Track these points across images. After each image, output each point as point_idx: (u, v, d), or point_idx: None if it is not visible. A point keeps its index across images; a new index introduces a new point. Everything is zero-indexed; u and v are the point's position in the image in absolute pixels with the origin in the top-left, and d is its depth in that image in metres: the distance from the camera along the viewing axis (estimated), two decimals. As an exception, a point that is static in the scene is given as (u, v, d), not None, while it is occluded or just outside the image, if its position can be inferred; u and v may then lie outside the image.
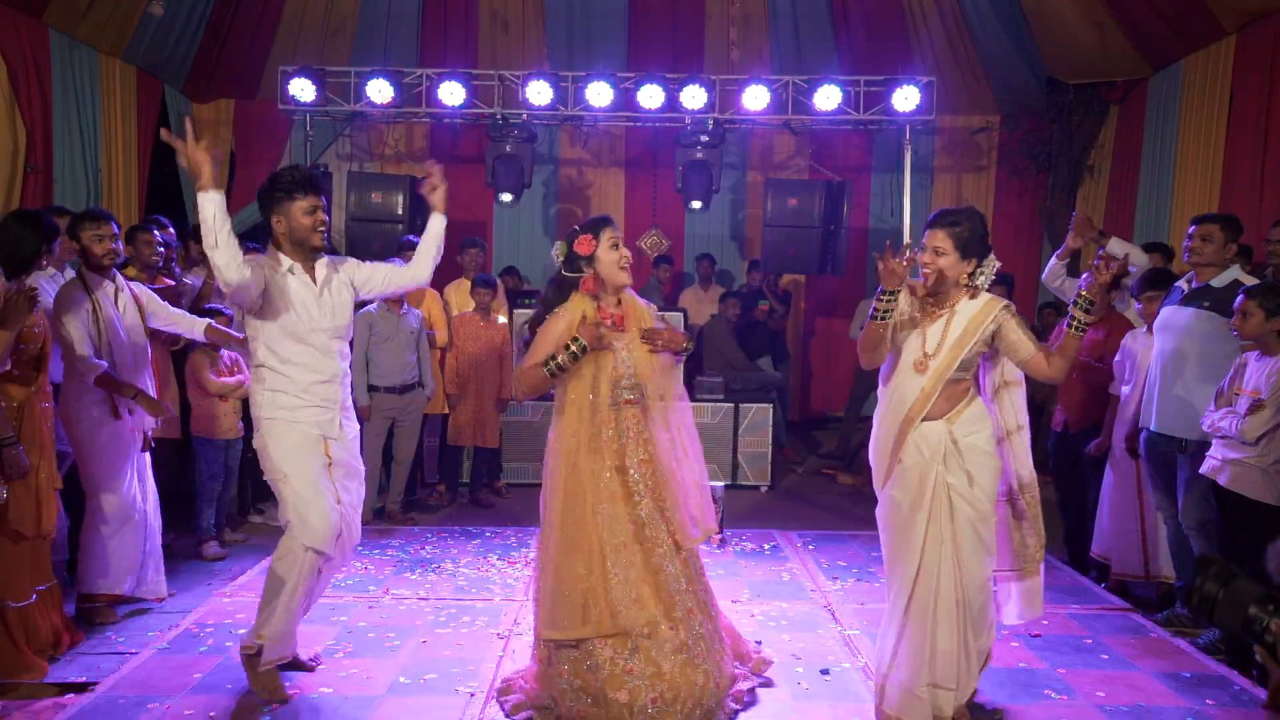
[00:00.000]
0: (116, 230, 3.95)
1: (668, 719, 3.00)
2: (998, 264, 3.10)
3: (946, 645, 2.97)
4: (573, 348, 3.09)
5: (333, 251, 3.61)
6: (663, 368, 3.26)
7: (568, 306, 3.21)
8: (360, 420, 3.84)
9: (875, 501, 3.22)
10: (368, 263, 3.57)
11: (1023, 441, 3.16)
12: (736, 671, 3.33)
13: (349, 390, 3.50)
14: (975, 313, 3.03)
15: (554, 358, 3.10)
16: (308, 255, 3.36)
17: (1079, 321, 2.97)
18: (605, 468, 3.13)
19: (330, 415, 3.36)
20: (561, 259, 3.25)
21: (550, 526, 3.16)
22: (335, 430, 3.36)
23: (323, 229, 3.33)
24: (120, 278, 4.04)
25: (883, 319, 3.01)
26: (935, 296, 3.09)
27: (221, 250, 3.01)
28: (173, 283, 4.96)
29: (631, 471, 3.15)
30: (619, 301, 3.27)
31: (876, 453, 3.17)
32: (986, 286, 3.08)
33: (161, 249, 4.87)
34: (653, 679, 3.02)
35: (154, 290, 4.72)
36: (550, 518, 3.17)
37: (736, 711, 3.21)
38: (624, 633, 3.04)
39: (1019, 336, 3.02)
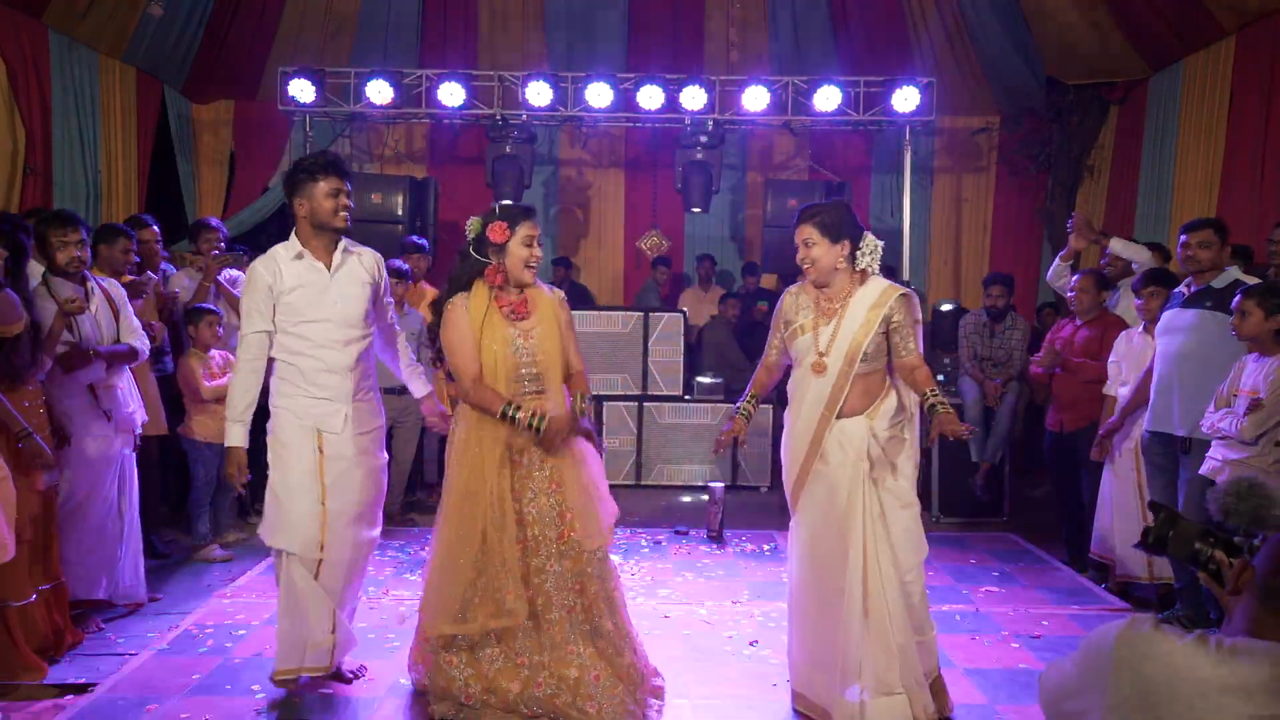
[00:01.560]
0: (84, 237, 3.86)
1: (552, 705, 3.01)
2: (879, 243, 3.11)
3: (904, 640, 2.98)
4: (534, 422, 3.01)
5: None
6: (564, 356, 3.19)
7: (469, 296, 3.12)
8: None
9: None
10: (389, 300, 3.52)
11: (916, 426, 3.19)
12: (646, 669, 3.27)
13: (372, 382, 3.41)
14: (872, 301, 3.06)
15: (514, 409, 3.01)
16: (328, 239, 3.31)
17: (935, 407, 3.00)
18: (497, 464, 3.05)
19: (333, 408, 3.25)
20: (473, 237, 3.16)
21: (443, 520, 3.11)
22: (337, 424, 3.25)
23: (345, 212, 3.28)
24: (91, 277, 3.99)
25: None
26: (826, 291, 3.12)
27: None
28: (154, 276, 4.94)
29: (534, 470, 3.08)
30: (521, 292, 3.17)
31: (790, 456, 3.16)
32: (875, 269, 3.11)
33: (136, 254, 4.76)
34: (536, 668, 3.04)
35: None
36: (444, 511, 3.12)
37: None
38: (508, 629, 3.03)
39: (904, 337, 3.06)
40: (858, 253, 3.09)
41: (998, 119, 8.73)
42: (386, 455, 3.52)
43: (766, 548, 5.41)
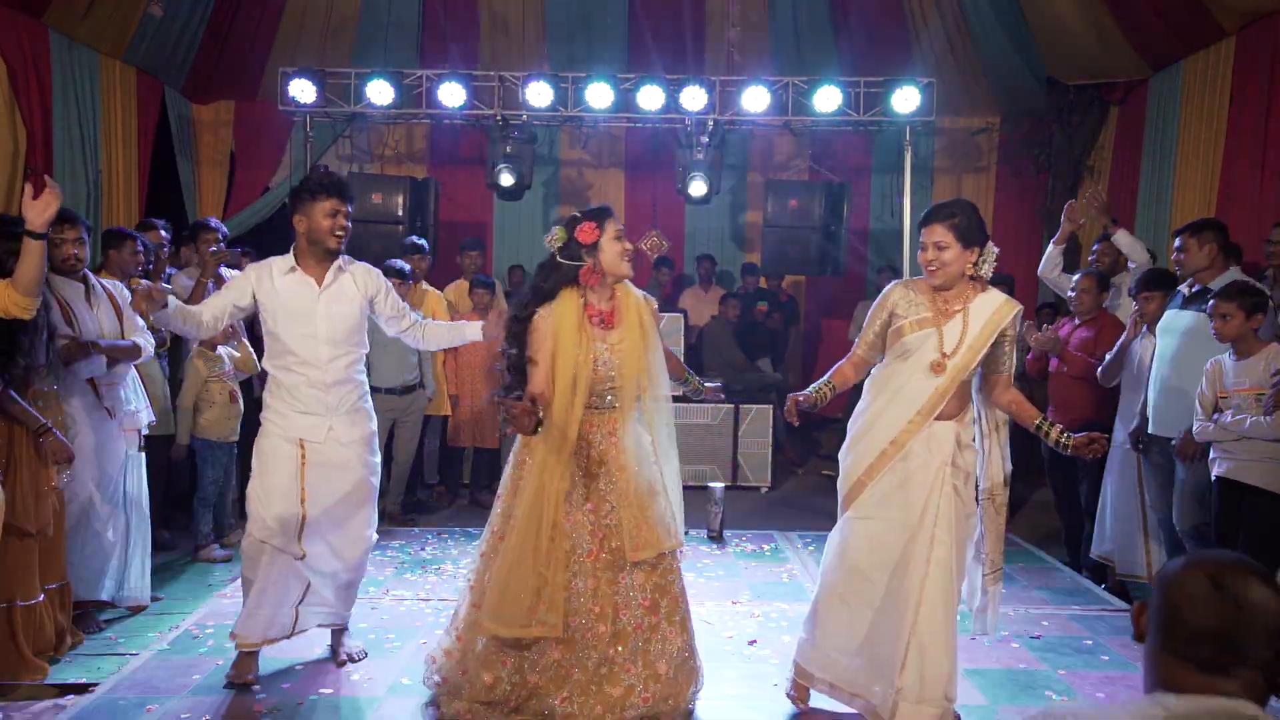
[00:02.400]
0: (83, 235, 3.81)
1: None
2: (996, 250, 3.08)
3: (950, 649, 2.93)
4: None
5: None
6: (649, 368, 3.13)
7: (555, 305, 3.06)
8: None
9: None
10: (395, 298, 3.62)
11: (1005, 437, 3.19)
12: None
13: (361, 391, 3.52)
14: (993, 311, 3.02)
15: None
16: (322, 257, 3.43)
17: (1048, 434, 3.03)
18: (571, 474, 3.03)
19: (317, 421, 3.38)
20: (559, 245, 3.12)
21: (510, 519, 3.08)
22: (321, 434, 3.39)
23: (341, 233, 3.42)
24: (91, 276, 3.96)
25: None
26: (945, 292, 3.07)
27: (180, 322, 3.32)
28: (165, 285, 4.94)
29: (601, 481, 3.06)
30: (611, 296, 3.15)
31: (863, 448, 3.09)
32: (990, 275, 3.07)
33: (142, 256, 4.76)
34: (578, 687, 3.00)
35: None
36: (511, 510, 3.09)
37: None
38: (570, 637, 2.99)
39: (1007, 353, 3.07)
40: (980, 259, 3.03)
41: (998, 119, 8.73)
42: (378, 458, 3.61)
43: (766, 548, 5.41)
